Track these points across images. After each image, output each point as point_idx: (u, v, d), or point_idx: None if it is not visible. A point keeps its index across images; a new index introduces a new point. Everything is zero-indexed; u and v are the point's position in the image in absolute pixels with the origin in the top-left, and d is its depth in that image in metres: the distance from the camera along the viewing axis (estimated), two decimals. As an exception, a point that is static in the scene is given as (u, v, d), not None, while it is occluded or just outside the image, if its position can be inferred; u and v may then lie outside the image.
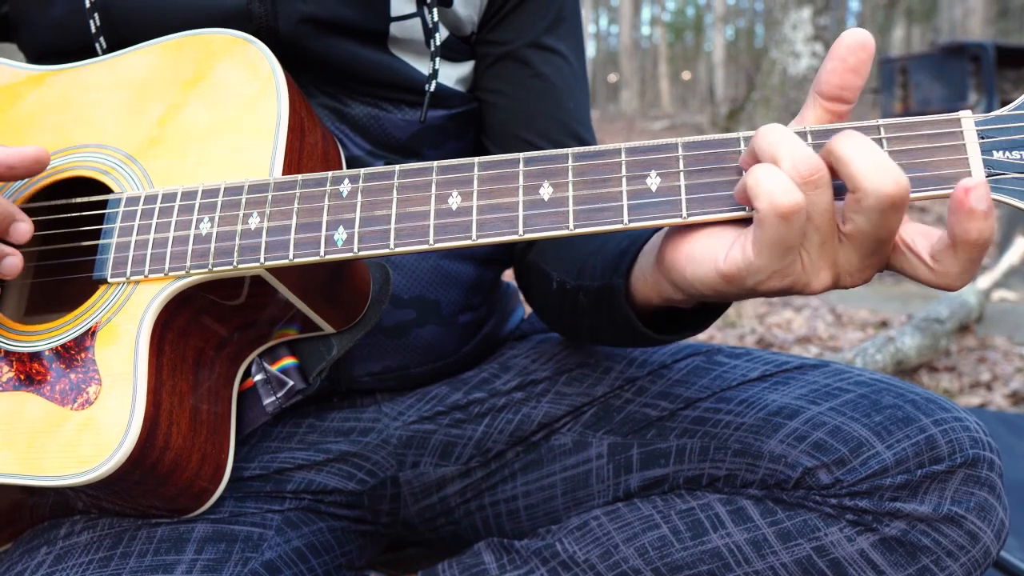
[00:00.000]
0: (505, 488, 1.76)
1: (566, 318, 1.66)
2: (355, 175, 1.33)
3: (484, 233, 1.24)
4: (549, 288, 1.66)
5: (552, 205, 1.22)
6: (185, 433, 1.38)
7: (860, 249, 1.10)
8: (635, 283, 1.38)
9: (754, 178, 1.09)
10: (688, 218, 1.17)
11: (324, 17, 1.60)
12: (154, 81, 1.53)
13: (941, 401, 1.45)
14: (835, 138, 1.09)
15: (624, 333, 1.47)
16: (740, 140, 1.19)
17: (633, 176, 1.21)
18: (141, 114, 1.51)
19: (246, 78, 1.47)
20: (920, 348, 5.07)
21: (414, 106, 1.71)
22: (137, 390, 1.31)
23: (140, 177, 1.45)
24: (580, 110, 1.83)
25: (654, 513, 1.56)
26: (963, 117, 1.12)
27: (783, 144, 1.10)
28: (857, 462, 1.40)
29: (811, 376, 1.58)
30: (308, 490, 1.71)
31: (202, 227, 1.36)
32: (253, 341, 1.55)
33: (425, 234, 1.27)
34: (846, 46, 1.13)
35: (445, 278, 1.76)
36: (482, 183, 1.27)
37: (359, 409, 1.77)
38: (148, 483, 1.36)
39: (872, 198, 1.05)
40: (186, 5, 1.58)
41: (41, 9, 1.68)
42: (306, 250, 1.31)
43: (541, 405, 1.74)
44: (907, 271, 1.13)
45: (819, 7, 13.33)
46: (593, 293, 1.48)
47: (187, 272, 1.35)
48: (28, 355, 1.40)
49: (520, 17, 1.78)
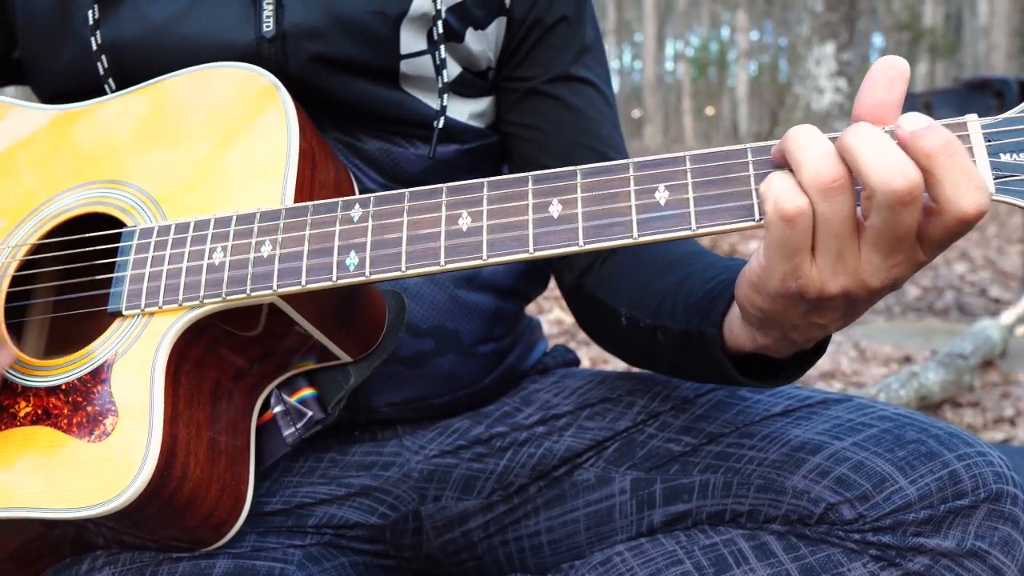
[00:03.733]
0: (528, 523, 1.75)
1: (641, 354, 1.67)
2: (366, 200, 1.34)
3: (495, 253, 1.25)
4: (617, 324, 1.65)
5: (562, 222, 1.23)
6: (203, 464, 1.38)
7: (879, 248, 1.11)
8: (726, 330, 1.38)
9: (766, 183, 1.12)
10: (697, 230, 1.18)
11: (334, 56, 1.62)
12: (165, 115, 1.54)
13: (964, 436, 1.45)
14: (846, 131, 1.10)
15: (712, 375, 1.48)
16: (747, 151, 1.20)
17: (641, 191, 1.21)
18: (153, 148, 1.52)
19: (257, 110, 1.48)
20: (944, 383, 5.05)
21: (426, 141, 1.72)
22: (153, 421, 1.32)
23: (153, 211, 1.46)
24: (614, 136, 1.83)
25: (677, 549, 1.55)
26: (969, 121, 1.12)
27: (809, 148, 1.11)
28: (880, 497, 1.40)
29: (834, 411, 1.57)
30: (330, 524, 1.71)
31: (215, 256, 1.37)
32: (271, 372, 1.55)
33: (436, 255, 1.28)
34: (878, 69, 1.14)
35: (463, 308, 1.76)
36: (491, 203, 1.27)
37: (380, 443, 1.77)
38: (166, 514, 1.36)
39: (881, 195, 1.06)
40: (195, 46, 1.59)
41: (51, 54, 1.70)
42: (318, 276, 1.32)
43: (563, 439, 1.74)
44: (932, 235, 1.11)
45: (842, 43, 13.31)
46: (676, 334, 1.48)
47: (201, 302, 1.36)
48: (45, 390, 1.41)
49: (543, 52, 1.79)
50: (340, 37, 1.61)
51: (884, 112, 1.13)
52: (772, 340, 1.29)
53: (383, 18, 1.64)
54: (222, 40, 1.60)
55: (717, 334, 1.38)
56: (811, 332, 1.25)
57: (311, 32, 1.60)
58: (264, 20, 1.59)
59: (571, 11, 1.79)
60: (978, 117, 1.13)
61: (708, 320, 1.40)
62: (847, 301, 1.17)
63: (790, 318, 1.22)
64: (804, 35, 13.58)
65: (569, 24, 1.79)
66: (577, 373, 1.90)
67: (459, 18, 1.70)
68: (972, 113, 1.14)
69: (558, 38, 1.79)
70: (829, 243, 1.11)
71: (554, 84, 1.79)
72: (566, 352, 2.05)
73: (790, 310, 1.20)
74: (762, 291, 1.19)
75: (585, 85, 1.81)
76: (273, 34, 1.59)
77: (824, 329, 1.24)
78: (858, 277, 1.13)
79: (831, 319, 1.21)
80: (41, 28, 1.70)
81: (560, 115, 1.79)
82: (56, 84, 1.72)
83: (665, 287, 1.55)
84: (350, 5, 1.62)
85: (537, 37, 1.77)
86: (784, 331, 1.25)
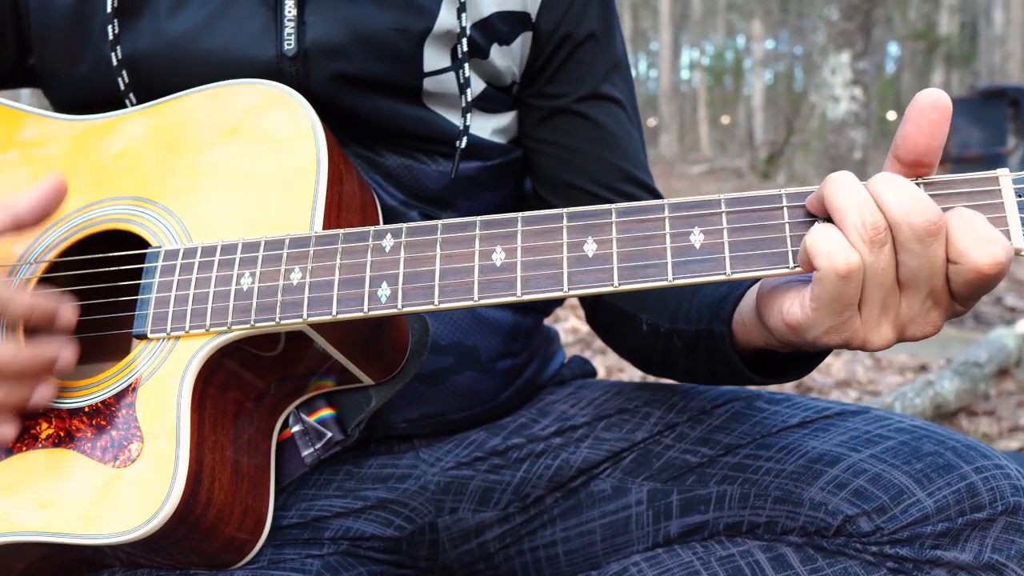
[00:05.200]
0: (544, 534, 1.75)
1: (658, 359, 1.68)
2: (397, 230, 1.33)
3: (529, 290, 1.25)
4: (638, 331, 1.66)
5: (597, 262, 1.23)
6: (227, 488, 1.38)
7: (915, 292, 1.12)
8: (735, 328, 1.40)
9: (813, 237, 1.12)
10: (732, 275, 1.18)
11: (356, 74, 1.61)
12: (189, 132, 1.53)
13: (982, 448, 1.45)
14: (871, 179, 1.11)
15: (724, 375, 1.50)
16: (782, 196, 1.20)
17: (677, 233, 1.21)
18: (177, 165, 1.51)
19: (284, 129, 1.47)
20: (959, 392, 5.03)
21: (448, 157, 1.71)
22: (180, 447, 1.31)
23: (177, 229, 1.45)
24: (639, 155, 1.83)
25: (694, 560, 1.55)
26: (1001, 175, 1.13)
27: (852, 199, 1.12)
28: (898, 510, 1.40)
29: (851, 423, 1.57)
30: (346, 537, 1.71)
31: (243, 282, 1.36)
32: (291, 393, 1.54)
33: (470, 291, 1.27)
34: (918, 108, 1.13)
35: (483, 325, 1.76)
36: (526, 239, 1.27)
37: (396, 455, 1.77)
38: (191, 540, 1.36)
39: (907, 227, 1.07)
40: (216, 62, 1.59)
41: (68, 65, 1.70)
42: (350, 306, 1.31)
43: (580, 451, 1.74)
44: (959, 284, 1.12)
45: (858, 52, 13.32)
46: (689, 337, 1.50)
47: (229, 328, 1.35)
48: (67, 411, 1.40)
49: (573, 69, 1.78)
50: (362, 55, 1.61)
51: (928, 161, 1.15)
52: (781, 345, 1.31)
53: (406, 35, 1.63)
54: (242, 56, 1.59)
55: (726, 332, 1.40)
56: (831, 347, 1.26)
57: (333, 50, 1.60)
58: (285, 38, 1.59)
59: (600, 27, 1.79)
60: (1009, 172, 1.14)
61: (718, 319, 1.42)
62: None
63: (807, 346, 1.25)
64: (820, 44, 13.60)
65: (598, 41, 1.78)
66: (594, 384, 1.90)
67: (484, 34, 1.69)
68: (1004, 168, 1.15)
69: (587, 55, 1.78)
70: (875, 294, 1.13)
71: (583, 102, 1.78)
72: (583, 363, 2.04)
73: (811, 344, 1.22)
74: (800, 335, 1.21)
75: (612, 103, 1.81)
76: (295, 52, 1.59)
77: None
78: (900, 325, 1.15)
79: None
80: (57, 38, 1.69)
81: (587, 133, 1.78)
82: (73, 94, 1.72)
83: (684, 292, 1.57)
84: (373, 22, 1.61)
85: (567, 54, 1.76)
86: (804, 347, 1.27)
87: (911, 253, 1.09)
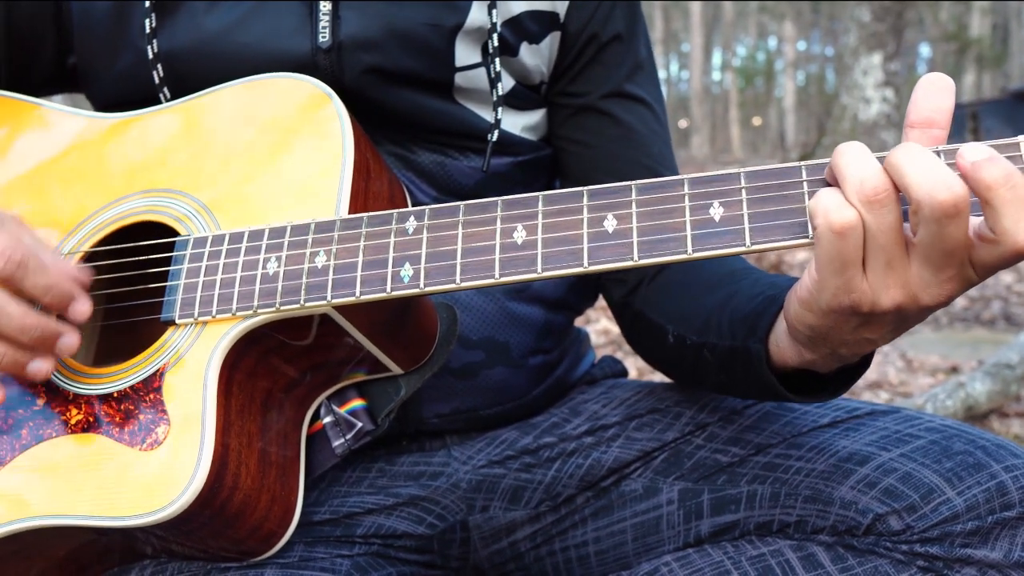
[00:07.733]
0: (575, 534, 1.75)
1: (687, 371, 1.67)
2: (420, 212, 1.34)
3: (549, 266, 1.25)
4: (664, 342, 1.66)
5: (616, 237, 1.23)
6: (254, 474, 1.39)
7: (928, 263, 1.11)
8: (771, 346, 1.39)
9: (815, 198, 1.13)
10: (752, 247, 1.18)
11: (389, 68, 1.63)
12: (220, 125, 1.55)
13: (1012, 447, 1.44)
14: (892, 150, 1.11)
15: (757, 391, 1.48)
16: (802, 169, 1.20)
17: (696, 206, 1.22)
18: (207, 157, 1.53)
19: (312, 121, 1.49)
20: (991, 393, 5.01)
21: (480, 153, 1.73)
22: (205, 431, 1.33)
23: (207, 220, 1.47)
24: (665, 153, 1.84)
25: (725, 559, 1.55)
26: (1022, 141, 1.12)
27: (853, 162, 1.12)
28: (928, 508, 1.40)
29: (881, 422, 1.57)
30: (378, 534, 1.71)
31: (269, 267, 1.38)
32: (321, 383, 1.56)
33: (491, 268, 1.28)
34: (925, 82, 1.15)
35: (513, 320, 1.77)
36: (547, 216, 1.28)
37: (429, 453, 1.78)
38: (217, 524, 1.37)
39: (927, 208, 1.06)
40: (251, 56, 1.61)
41: (107, 62, 1.72)
42: (373, 287, 1.32)
43: (611, 450, 1.74)
44: (985, 260, 1.12)
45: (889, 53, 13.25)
46: (723, 352, 1.49)
47: (255, 312, 1.36)
48: (97, 397, 1.42)
49: (597, 69, 1.80)
50: (395, 49, 1.63)
51: (937, 117, 1.14)
52: (819, 356, 1.30)
53: (438, 30, 1.65)
54: (277, 50, 1.61)
55: (762, 350, 1.39)
56: (860, 347, 1.26)
57: (367, 43, 1.62)
58: (320, 31, 1.61)
59: (625, 29, 1.81)
60: None
61: (753, 336, 1.40)
62: (898, 316, 1.18)
63: (840, 334, 1.22)
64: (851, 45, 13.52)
65: (622, 42, 1.81)
66: (625, 384, 1.91)
67: (514, 32, 1.71)
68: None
69: (611, 55, 1.80)
70: (878, 255, 1.12)
71: (606, 100, 1.80)
72: (614, 363, 2.05)
73: (841, 325, 1.20)
74: (813, 307, 1.20)
75: (637, 103, 1.82)
76: (329, 45, 1.61)
77: (873, 344, 1.25)
78: (910, 291, 1.14)
79: (881, 334, 1.22)
80: (98, 36, 1.71)
81: (611, 131, 1.80)
82: (111, 91, 1.74)
83: (712, 304, 1.56)
84: (406, 17, 1.63)
85: (592, 54, 1.79)
86: (833, 347, 1.26)
87: (930, 231, 1.08)
